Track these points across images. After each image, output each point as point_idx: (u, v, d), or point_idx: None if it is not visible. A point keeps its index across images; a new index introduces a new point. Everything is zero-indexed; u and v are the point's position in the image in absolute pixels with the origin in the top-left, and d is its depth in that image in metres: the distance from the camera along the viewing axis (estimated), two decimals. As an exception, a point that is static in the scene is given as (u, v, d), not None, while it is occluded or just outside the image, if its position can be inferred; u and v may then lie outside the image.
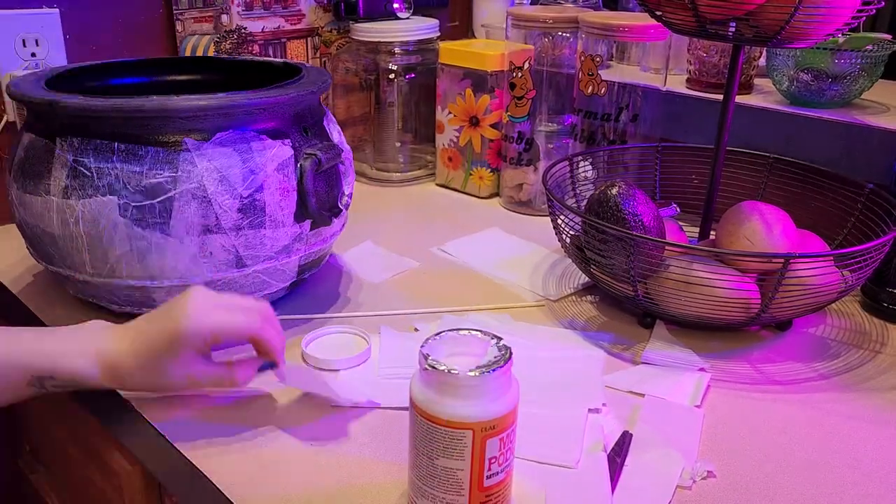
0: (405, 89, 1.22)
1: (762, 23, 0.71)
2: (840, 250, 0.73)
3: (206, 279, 0.71)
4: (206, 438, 0.62)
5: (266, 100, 0.72)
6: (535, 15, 1.07)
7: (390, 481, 0.58)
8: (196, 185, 0.69)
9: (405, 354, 0.74)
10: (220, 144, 0.70)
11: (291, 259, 0.76)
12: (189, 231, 0.69)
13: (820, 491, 0.58)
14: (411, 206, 1.16)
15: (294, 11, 1.21)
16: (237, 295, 0.64)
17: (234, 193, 0.70)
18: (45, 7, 0.99)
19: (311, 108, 0.79)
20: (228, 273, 0.72)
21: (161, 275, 0.71)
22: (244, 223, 0.71)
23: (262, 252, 0.73)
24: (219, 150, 0.70)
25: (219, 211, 0.69)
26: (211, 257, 0.71)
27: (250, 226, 0.71)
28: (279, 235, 0.73)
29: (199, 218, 0.69)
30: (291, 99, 0.74)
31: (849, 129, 0.92)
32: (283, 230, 0.73)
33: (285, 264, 0.76)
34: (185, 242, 0.69)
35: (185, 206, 0.68)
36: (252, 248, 0.72)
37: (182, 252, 0.70)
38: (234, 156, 0.70)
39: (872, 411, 0.68)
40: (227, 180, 0.69)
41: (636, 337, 0.79)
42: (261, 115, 0.72)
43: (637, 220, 0.75)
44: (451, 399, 0.48)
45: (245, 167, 0.70)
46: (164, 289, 0.72)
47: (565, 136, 1.11)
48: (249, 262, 0.73)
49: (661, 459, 0.60)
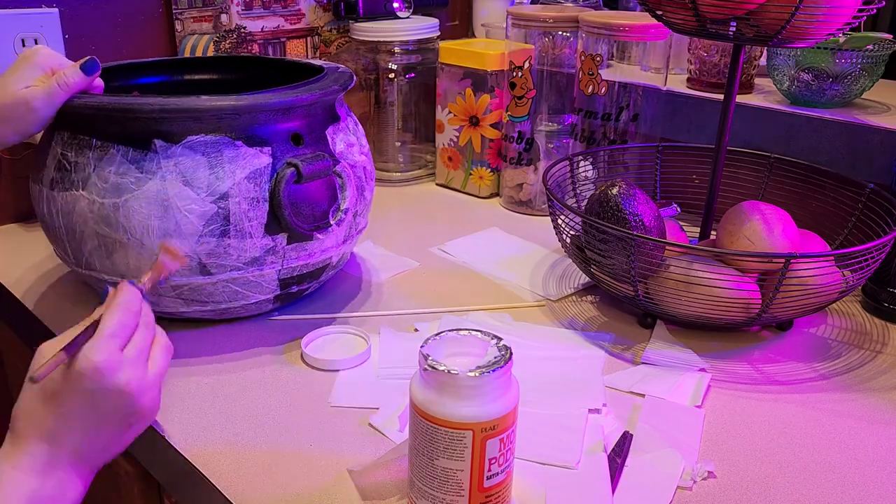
0: (405, 89, 1.22)
1: (763, 22, 0.71)
2: (841, 250, 0.73)
3: (171, 282, 0.71)
4: (205, 439, 0.62)
5: (242, 104, 0.68)
6: (535, 14, 1.07)
7: (390, 481, 0.57)
8: (158, 188, 0.67)
9: (405, 355, 0.73)
10: (190, 148, 0.68)
11: (265, 272, 0.72)
12: (148, 233, 0.68)
13: (820, 491, 0.58)
14: (411, 205, 1.16)
15: (294, 11, 1.21)
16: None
17: (196, 199, 0.68)
18: (44, 7, 0.99)
19: (311, 113, 0.74)
20: (194, 279, 0.71)
21: (129, 272, 0.70)
22: (205, 231, 0.68)
23: (228, 262, 0.70)
24: (187, 153, 0.68)
25: (178, 216, 0.68)
26: None
27: (211, 234, 0.69)
28: (246, 246, 0.70)
29: (158, 220, 0.68)
30: (275, 104, 0.70)
31: (849, 128, 0.92)
32: (251, 241, 0.70)
33: (259, 276, 0.73)
34: (146, 244, 0.68)
35: (144, 208, 0.67)
36: (216, 256, 0.70)
37: (144, 253, 0.69)
38: (202, 160, 0.68)
39: (873, 411, 0.68)
40: (190, 185, 0.67)
41: (636, 337, 0.79)
42: (238, 119, 0.69)
43: (637, 220, 0.75)
44: (451, 399, 0.48)
45: (211, 173, 0.68)
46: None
47: (565, 136, 1.11)
48: (215, 270, 0.71)
49: (661, 460, 0.60)
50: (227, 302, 0.74)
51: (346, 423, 0.64)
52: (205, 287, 0.72)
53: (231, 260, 0.71)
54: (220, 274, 0.71)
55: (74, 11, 1.02)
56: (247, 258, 0.71)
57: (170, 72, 0.92)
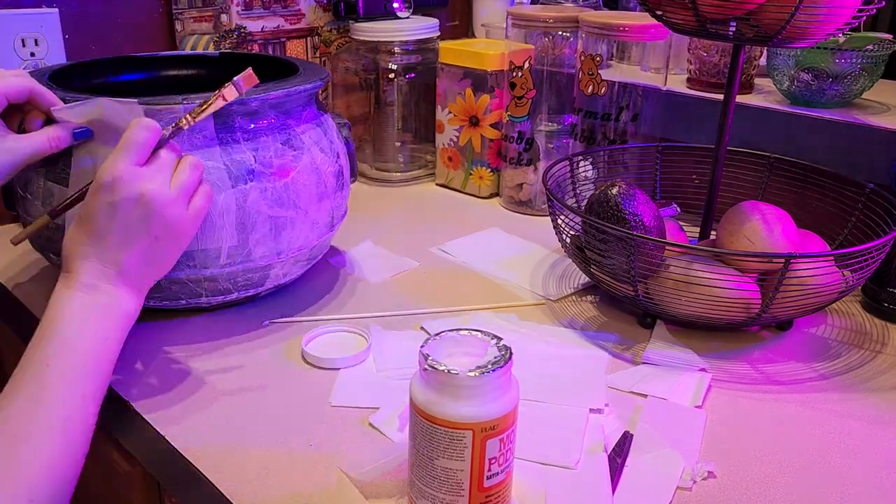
0: (405, 89, 1.22)
1: (763, 22, 0.71)
2: (841, 250, 0.73)
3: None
4: (205, 439, 0.62)
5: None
6: (535, 14, 1.07)
7: (390, 481, 0.57)
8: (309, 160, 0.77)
9: (400, 355, 0.74)
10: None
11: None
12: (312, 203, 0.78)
13: (820, 491, 0.58)
14: (411, 206, 1.16)
15: (293, 11, 1.21)
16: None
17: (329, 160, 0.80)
18: (44, 7, 0.99)
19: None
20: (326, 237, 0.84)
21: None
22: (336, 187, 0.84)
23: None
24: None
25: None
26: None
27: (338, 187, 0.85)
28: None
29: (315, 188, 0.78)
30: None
31: (849, 128, 0.92)
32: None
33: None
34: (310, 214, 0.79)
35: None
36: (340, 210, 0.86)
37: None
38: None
39: (873, 411, 0.68)
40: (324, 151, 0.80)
41: (636, 337, 0.79)
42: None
43: (637, 220, 0.75)
44: (451, 399, 0.48)
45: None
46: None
47: (565, 136, 1.11)
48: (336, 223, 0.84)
49: (661, 460, 0.60)
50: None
51: (346, 423, 0.64)
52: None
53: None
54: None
55: (74, 11, 1.02)
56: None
57: (154, 68, 0.92)
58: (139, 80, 0.91)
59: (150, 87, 0.90)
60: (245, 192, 0.72)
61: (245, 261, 0.74)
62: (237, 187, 0.72)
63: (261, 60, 0.94)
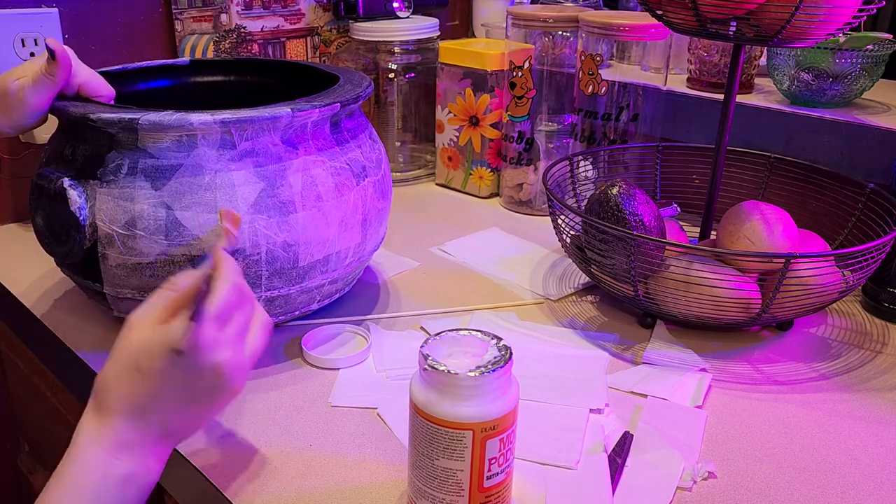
0: (405, 89, 1.22)
1: (763, 22, 0.71)
2: (841, 250, 0.73)
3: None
4: (205, 439, 0.62)
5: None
6: (535, 14, 1.07)
7: (390, 481, 0.57)
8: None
9: (400, 355, 0.74)
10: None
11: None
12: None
13: (820, 491, 0.58)
14: (411, 206, 1.16)
15: (293, 11, 1.21)
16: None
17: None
18: (44, 7, 0.99)
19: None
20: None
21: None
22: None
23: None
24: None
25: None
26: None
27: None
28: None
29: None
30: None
31: (850, 128, 0.92)
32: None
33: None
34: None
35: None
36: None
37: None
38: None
39: (873, 411, 0.68)
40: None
41: (636, 337, 0.79)
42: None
43: (637, 219, 0.75)
44: (451, 399, 0.48)
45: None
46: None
47: (565, 136, 1.11)
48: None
49: (661, 460, 0.60)
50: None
51: (347, 423, 0.64)
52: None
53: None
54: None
55: (74, 11, 1.02)
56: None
57: (173, 75, 0.90)
58: (154, 88, 0.89)
59: (166, 94, 0.88)
60: (364, 188, 0.73)
61: (360, 258, 0.76)
62: (360, 185, 0.72)
63: (270, 67, 0.92)
